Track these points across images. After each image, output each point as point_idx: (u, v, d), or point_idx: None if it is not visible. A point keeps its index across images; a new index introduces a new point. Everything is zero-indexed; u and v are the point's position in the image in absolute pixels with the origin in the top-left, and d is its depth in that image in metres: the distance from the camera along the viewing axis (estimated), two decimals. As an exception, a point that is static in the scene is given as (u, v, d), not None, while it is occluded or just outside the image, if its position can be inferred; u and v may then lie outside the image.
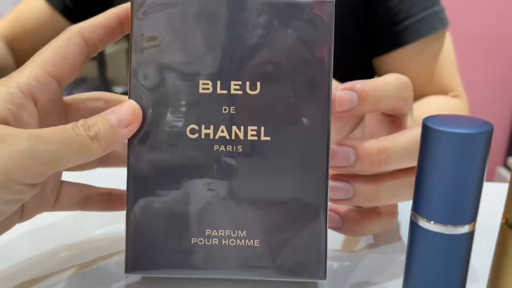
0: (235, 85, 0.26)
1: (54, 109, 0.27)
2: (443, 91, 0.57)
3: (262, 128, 0.26)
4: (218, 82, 0.26)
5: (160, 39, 0.26)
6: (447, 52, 0.56)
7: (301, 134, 0.26)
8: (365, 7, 0.54)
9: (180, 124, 0.26)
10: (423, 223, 0.21)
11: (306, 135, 0.26)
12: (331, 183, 0.27)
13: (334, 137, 0.32)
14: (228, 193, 0.27)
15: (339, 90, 0.26)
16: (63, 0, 0.65)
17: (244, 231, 0.27)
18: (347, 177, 0.27)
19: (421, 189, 0.21)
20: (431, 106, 0.55)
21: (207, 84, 0.26)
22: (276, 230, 0.27)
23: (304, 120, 0.26)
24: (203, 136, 0.26)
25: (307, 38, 0.26)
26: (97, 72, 1.70)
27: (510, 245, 0.21)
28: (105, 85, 1.77)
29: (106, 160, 0.32)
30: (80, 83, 1.97)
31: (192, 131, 0.26)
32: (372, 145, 0.26)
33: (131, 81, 0.26)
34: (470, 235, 0.20)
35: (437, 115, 0.21)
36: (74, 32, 0.27)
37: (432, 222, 0.20)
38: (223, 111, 0.26)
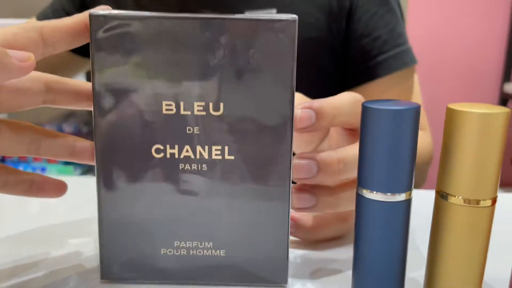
0: (198, 106, 0.26)
1: None
2: None
3: (226, 148, 0.27)
4: (182, 103, 0.26)
5: (121, 59, 0.26)
6: (415, 88, 0.62)
7: (264, 153, 0.27)
8: (342, 43, 0.59)
9: (145, 143, 0.27)
10: (366, 194, 0.23)
11: (269, 154, 0.27)
12: (295, 193, 0.29)
13: (305, 149, 0.34)
14: (194, 208, 0.28)
15: (299, 109, 0.28)
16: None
17: (211, 242, 0.28)
18: (310, 187, 0.30)
19: (363, 164, 0.23)
20: None
21: (171, 105, 0.26)
22: (240, 240, 0.28)
23: (268, 139, 0.27)
24: (168, 156, 0.27)
25: (270, 58, 0.26)
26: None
27: (442, 213, 0.24)
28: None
29: (36, 150, 0.30)
30: (69, 117, 1.93)
31: (157, 151, 0.27)
32: (331, 156, 0.28)
33: (94, 102, 0.26)
34: (408, 203, 0.23)
35: (374, 100, 0.24)
36: (34, 26, 0.26)
37: (374, 192, 0.23)
38: (187, 131, 0.27)
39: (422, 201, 0.33)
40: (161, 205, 0.28)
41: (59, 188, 0.31)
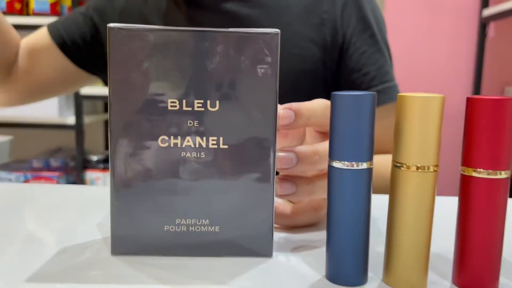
0: (198, 103, 0.32)
1: None
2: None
3: (221, 138, 0.32)
4: (184, 101, 0.32)
5: (134, 64, 0.31)
6: None
7: (253, 143, 0.32)
8: (334, 76, 0.65)
9: (152, 135, 0.32)
10: (336, 164, 0.29)
11: (257, 143, 0.32)
12: (278, 182, 0.35)
13: None
14: (194, 189, 0.33)
15: (281, 109, 0.34)
16: (61, 34, 0.70)
17: (207, 220, 0.33)
18: (291, 177, 0.35)
19: (334, 140, 0.29)
20: (380, 157, 0.65)
21: (175, 102, 0.32)
22: (233, 218, 0.33)
23: (256, 131, 0.32)
24: (172, 145, 0.32)
25: (257, 64, 0.31)
26: (74, 142, 1.78)
27: (397, 180, 0.29)
28: (82, 154, 1.81)
29: None
30: (57, 152, 1.96)
31: (163, 141, 0.32)
32: (308, 149, 0.35)
33: (110, 101, 0.32)
34: (369, 171, 0.29)
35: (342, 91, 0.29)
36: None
37: (342, 162, 0.29)
38: (189, 125, 0.32)
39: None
40: (165, 187, 0.32)
41: None
